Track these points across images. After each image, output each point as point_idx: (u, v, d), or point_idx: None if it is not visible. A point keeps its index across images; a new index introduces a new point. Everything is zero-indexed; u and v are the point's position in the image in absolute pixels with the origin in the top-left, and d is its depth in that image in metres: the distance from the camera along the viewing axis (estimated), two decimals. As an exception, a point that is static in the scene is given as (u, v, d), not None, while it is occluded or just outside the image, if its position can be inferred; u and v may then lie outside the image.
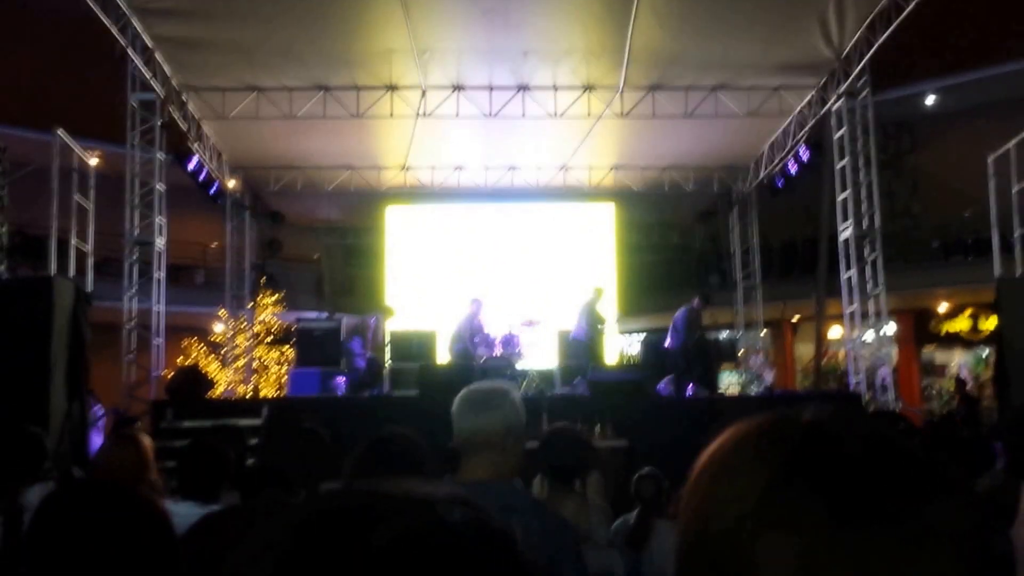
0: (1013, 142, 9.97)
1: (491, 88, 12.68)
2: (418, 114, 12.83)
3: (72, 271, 10.04)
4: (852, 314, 12.63)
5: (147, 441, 4.11)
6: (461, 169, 16.07)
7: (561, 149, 15.23)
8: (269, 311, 18.45)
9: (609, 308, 13.52)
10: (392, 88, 12.54)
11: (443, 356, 13.23)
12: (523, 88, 12.68)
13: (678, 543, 0.74)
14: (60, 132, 9.83)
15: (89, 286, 10.10)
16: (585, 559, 2.55)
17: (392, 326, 13.33)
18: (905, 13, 10.33)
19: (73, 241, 10.17)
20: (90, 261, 10.52)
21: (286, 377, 15.29)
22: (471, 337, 12.98)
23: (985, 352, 20.52)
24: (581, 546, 2.57)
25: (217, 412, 9.73)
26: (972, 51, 18.35)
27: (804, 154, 13.43)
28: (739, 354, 17.67)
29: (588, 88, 12.72)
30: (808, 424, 0.72)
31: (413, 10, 10.50)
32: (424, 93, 12.64)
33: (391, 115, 12.72)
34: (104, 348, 11.78)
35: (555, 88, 12.70)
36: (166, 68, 11.86)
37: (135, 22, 10.71)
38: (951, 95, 19.48)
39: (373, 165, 15.72)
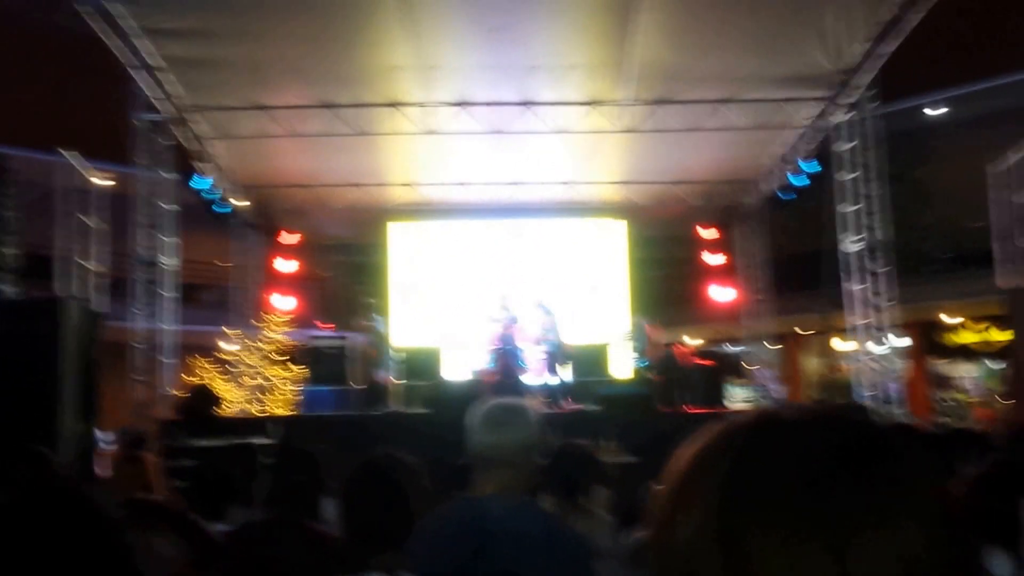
0: (1013, 155, 9.95)
1: (496, 104, 12.70)
2: (423, 131, 12.86)
3: (81, 291, 10.08)
4: (860, 327, 12.60)
5: (152, 460, 4.13)
6: (466, 185, 16.09)
7: (567, 165, 15.24)
8: (278, 329, 18.47)
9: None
10: (397, 105, 12.59)
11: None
12: (528, 104, 12.71)
13: (650, 557, 0.78)
14: (67, 153, 9.88)
15: (98, 306, 10.13)
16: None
17: (399, 343, 13.35)
18: (911, 25, 10.33)
19: (82, 261, 10.22)
20: (99, 281, 10.56)
21: (296, 395, 15.29)
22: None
23: (995, 365, 20.43)
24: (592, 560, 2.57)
25: (227, 431, 9.75)
26: (978, 61, 18.35)
27: (811, 166, 13.42)
28: (747, 369, 17.63)
29: (594, 103, 12.75)
30: (754, 420, 0.76)
31: (418, 28, 10.56)
32: (429, 110, 12.68)
33: (396, 132, 12.76)
34: (113, 368, 11.79)
35: (561, 104, 12.73)
36: (173, 88, 11.92)
37: (141, 42, 10.78)
38: (958, 106, 19.48)
39: (379, 182, 15.74)
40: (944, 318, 20.80)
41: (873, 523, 0.66)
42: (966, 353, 21.17)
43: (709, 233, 17.61)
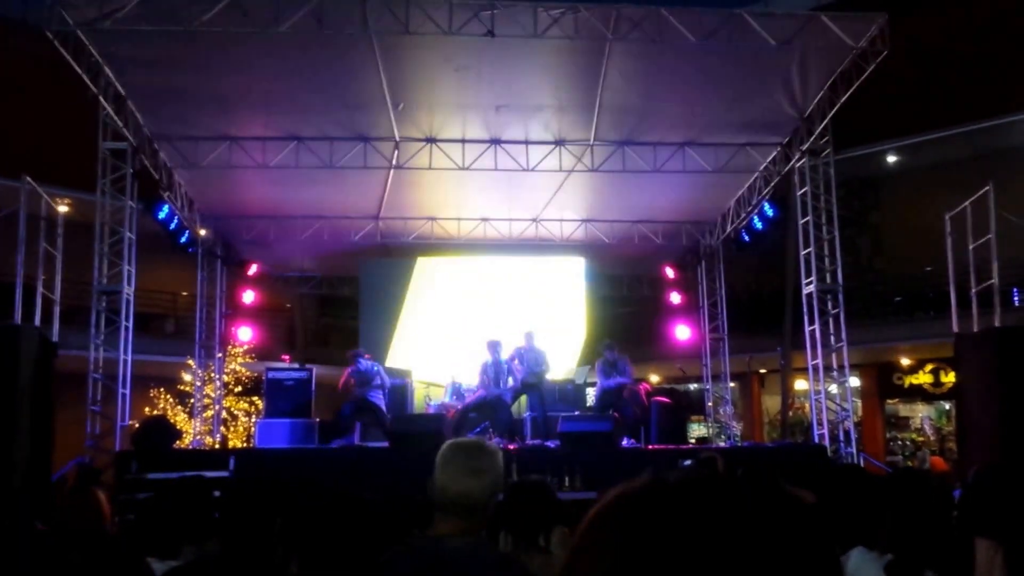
0: (969, 201, 10.20)
1: (464, 141, 12.82)
2: (391, 165, 12.93)
3: (38, 320, 9.92)
4: (816, 367, 12.78)
5: (102, 496, 4.14)
6: (434, 220, 16.14)
7: (533, 201, 15.36)
8: (239, 361, 18.30)
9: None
10: (365, 140, 12.65)
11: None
12: (496, 142, 12.85)
13: None
14: (28, 179, 9.77)
15: (55, 335, 9.98)
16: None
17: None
18: (866, 75, 10.63)
19: (40, 289, 10.05)
20: (56, 310, 10.39)
21: (254, 428, 15.13)
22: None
23: (947, 405, 20.78)
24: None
25: (184, 464, 9.63)
26: (931, 111, 18.82)
27: (769, 210, 13.66)
28: (707, 406, 17.76)
29: (559, 142, 12.92)
30: (641, 488, 0.76)
31: (387, 65, 10.67)
32: (397, 145, 12.76)
33: (364, 166, 12.81)
34: (70, 398, 11.60)
35: (527, 142, 12.88)
36: (138, 117, 11.88)
37: (107, 70, 10.76)
38: (912, 154, 19.91)
39: (346, 215, 15.71)
40: (899, 360, 21.12)
41: None
42: (921, 394, 21.50)
43: (671, 272, 17.78)
